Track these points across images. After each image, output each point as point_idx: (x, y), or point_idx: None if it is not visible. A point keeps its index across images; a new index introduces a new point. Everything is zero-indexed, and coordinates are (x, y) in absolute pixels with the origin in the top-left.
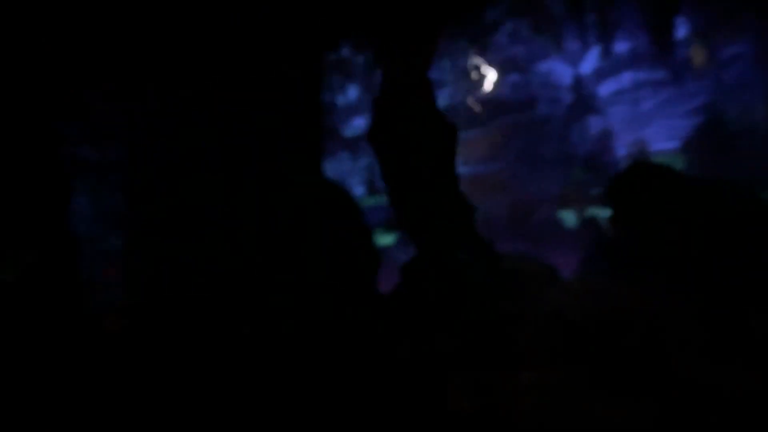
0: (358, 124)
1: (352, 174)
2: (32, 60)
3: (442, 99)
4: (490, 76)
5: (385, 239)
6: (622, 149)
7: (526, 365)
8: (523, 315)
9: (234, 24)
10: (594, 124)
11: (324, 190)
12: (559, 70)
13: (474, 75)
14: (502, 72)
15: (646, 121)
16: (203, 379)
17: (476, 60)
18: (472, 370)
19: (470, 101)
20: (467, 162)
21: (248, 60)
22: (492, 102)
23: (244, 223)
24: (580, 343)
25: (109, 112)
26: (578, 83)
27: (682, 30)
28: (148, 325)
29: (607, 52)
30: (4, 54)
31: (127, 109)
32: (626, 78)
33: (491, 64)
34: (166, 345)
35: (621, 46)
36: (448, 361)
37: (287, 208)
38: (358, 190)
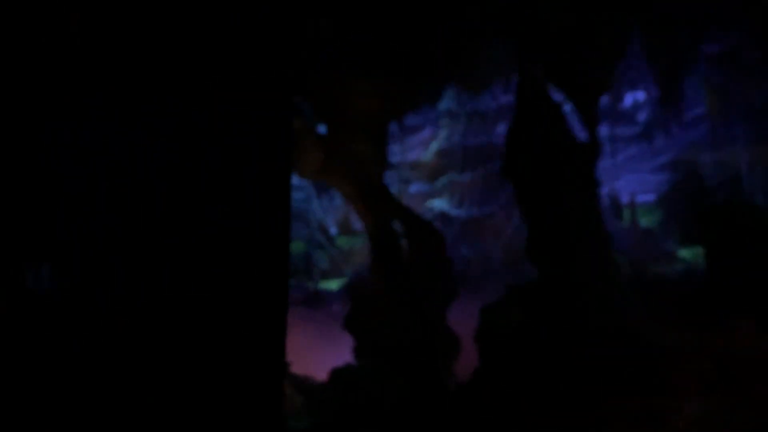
0: None
1: (328, 213)
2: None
3: (438, 141)
4: None
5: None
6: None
7: (681, 394)
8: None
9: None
10: None
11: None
12: None
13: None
14: (496, 119)
15: (615, 175)
16: None
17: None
18: (632, 397)
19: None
20: (461, 205)
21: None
22: (486, 147)
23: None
24: (715, 372)
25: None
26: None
27: (641, 94)
28: None
29: (617, 101)
30: None
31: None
32: (602, 132)
33: (486, 110)
34: None
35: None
36: (607, 387)
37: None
38: (333, 230)
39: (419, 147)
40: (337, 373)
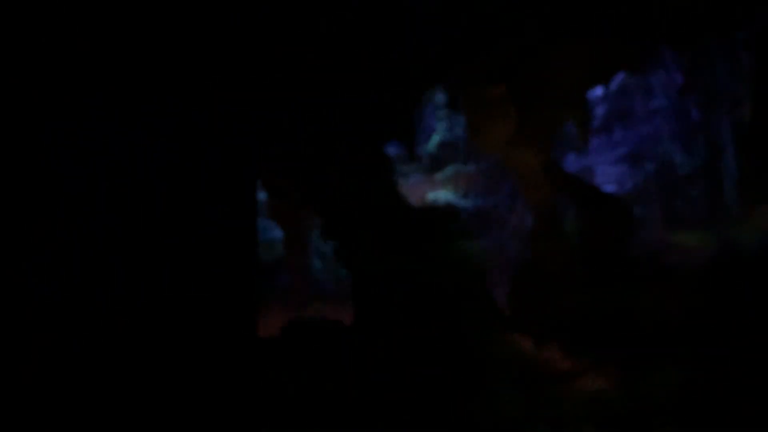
0: None
1: None
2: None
3: (439, 134)
4: None
5: None
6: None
7: None
8: None
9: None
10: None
11: None
12: None
13: None
14: None
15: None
16: None
17: None
18: None
19: None
20: (467, 195)
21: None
22: None
23: None
24: None
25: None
26: None
27: (598, 89)
28: None
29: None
30: None
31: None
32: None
33: None
34: None
35: None
36: None
37: None
38: None
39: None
40: None
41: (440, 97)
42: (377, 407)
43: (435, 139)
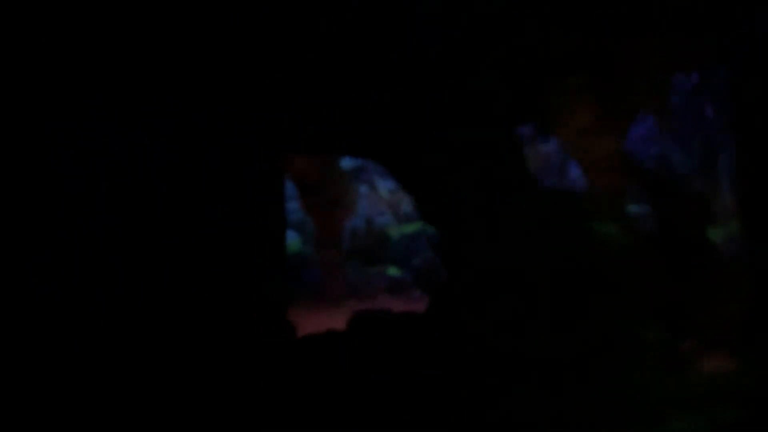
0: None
1: None
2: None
3: None
4: None
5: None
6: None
7: None
8: None
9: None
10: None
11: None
12: None
13: None
14: None
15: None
16: None
17: None
18: None
19: None
20: None
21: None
22: None
23: None
24: None
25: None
26: None
27: None
28: None
29: None
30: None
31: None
32: None
33: None
34: None
35: None
36: None
37: None
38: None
39: None
40: None
41: None
42: (489, 393)
43: None
